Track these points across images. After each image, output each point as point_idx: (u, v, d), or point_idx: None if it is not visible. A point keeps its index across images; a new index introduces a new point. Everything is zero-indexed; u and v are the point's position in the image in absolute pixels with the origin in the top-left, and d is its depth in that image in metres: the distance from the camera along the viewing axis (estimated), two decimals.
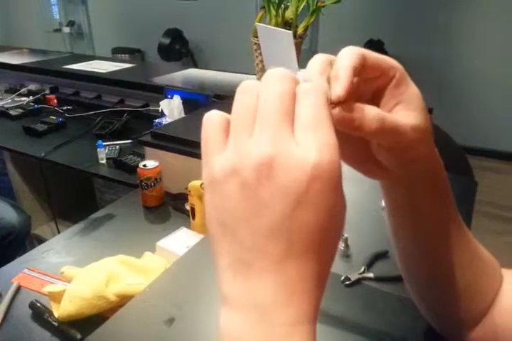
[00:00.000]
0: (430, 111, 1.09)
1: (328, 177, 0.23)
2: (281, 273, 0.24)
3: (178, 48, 4.26)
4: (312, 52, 3.82)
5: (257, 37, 1.43)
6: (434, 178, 0.36)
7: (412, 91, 0.33)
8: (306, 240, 0.24)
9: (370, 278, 0.70)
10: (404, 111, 0.32)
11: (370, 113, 0.30)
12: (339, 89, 0.29)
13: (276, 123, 0.24)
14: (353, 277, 0.69)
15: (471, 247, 0.41)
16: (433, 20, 3.41)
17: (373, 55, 0.32)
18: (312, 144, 0.24)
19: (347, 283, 0.69)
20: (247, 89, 0.27)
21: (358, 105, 0.30)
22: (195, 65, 4.35)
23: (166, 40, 4.23)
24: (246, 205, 0.24)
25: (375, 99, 0.34)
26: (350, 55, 0.31)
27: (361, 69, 0.31)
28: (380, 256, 0.75)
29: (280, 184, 0.23)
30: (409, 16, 3.47)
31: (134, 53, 4.62)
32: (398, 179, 0.36)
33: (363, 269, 0.71)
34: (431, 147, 0.35)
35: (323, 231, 0.24)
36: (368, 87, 0.33)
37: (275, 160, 0.23)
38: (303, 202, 0.23)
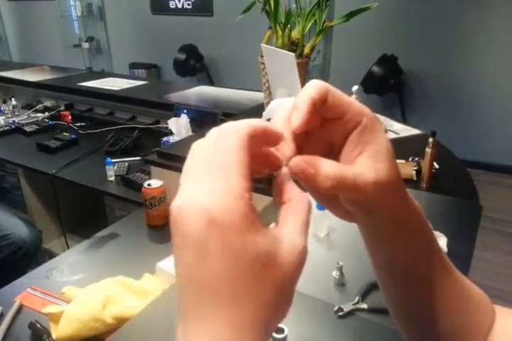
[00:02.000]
0: (434, 134, 1.08)
1: (226, 227, 0.23)
2: (200, 324, 0.24)
3: (193, 63, 4.33)
4: (325, 68, 3.84)
5: (263, 57, 1.45)
6: (405, 225, 0.34)
7: (379, 141, 0.30)
8: (218, 289, 0.24)
9: (363, 309, 0.68)
10: (367, 162, 0.30)
11: (325, 170, 0.28)
12: (296, 121, 0.29)
13: (196, 176, 0.25)
14: (346, 308, 0.68)
15: (458, 287, 0.40)
16: (446, 36, 3.39)
17: (338, 94, 0.30)
18: (208, 191, 0.24)
19: (340, 314, 0.68)
20: (193, 149, 0.28)
21: (313, 160, 0.28)
22: (210, 80, 4.41)
23: (182, 56, 4.30)
24: (174, 253, 0.25)
25: (338, 146, 0.32)
26: (312, 88, 0.30)
27: (322, 105, 0.30)
28: (376, 285, 0.74)
29: (184, 233, 0.24)
30: (423, 31, 3.47)
31: (150, 68, 4.71)
32: (366, 224, 0.35)
33: (357, 299, 0.70)
34: (398, 198, 0.33)
35: (234, 279, 0.23)
36: (329, 130, 0.32)
37: (181, 209, 0.24)
38: (206, 251, 0.23)
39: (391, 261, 0.37)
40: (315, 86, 0.30)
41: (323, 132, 0.32)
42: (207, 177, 0.25)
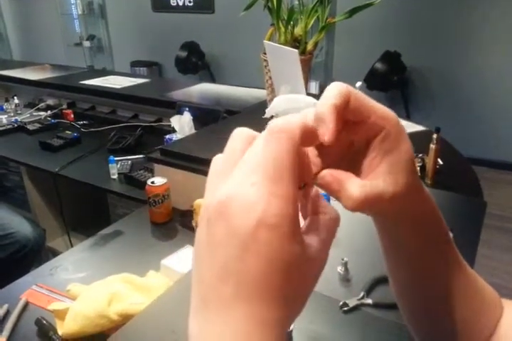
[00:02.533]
0: (438, 130, 1.08)
1: (275, 229, 0.24)
2: (228, 315, 0.24)
3: (194, 61, 4.32)
4: (327, 64, 3.83)
5: (266, 53, 1.45)
6: (422, 225, 0.35)
7: (401, 150, 0.29)
8: (251, 285, 0.24)
9: (368, 305, 0.69)
10: (386, 176, 0.29)
11: (350, 191, 0.28)
12: (325, 134, 0.27)
13: (249, 170, 0.25)
14: (352, 303, 0.68)
15: (469, 283, 0.40)
16: (450, 32, 3.38)
17: (361, 97, 0.29)
18: (265, 193, 0.24)
19: (345, 309, 0.68)
20: (240, 135, 0.28)
21: (340, 176, 0.28)
22: (212, 78, 4.40)
23: (183, 53, 4.30)
24: (207, 241, 0.25)
25: (359, 147, 0.30)
26: (334, 94, 0.28)
27: (344, 109, 0.28)
28: (381, 280, 0.74)
29: (231, 225, 0.24)
30: (426, 28, 3.46)
31: (151, 66, 4.71)
32: (382, 222, 0.35)
33: (362, 295, 0.70)
34: (417, 202, 0.32)
35: (268, 280, 0.24)
36: (351, 132, 0.30)
37: (232, 202, 0.24)
38: (250, 247, 0.24)
39: (408, 259, 0.38)
40: (337, 90, 0.29)
41: (344, 133, 0.30)
42: (259, 176, 0.25)
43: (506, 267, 2.32)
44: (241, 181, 0.25)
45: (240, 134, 0.28)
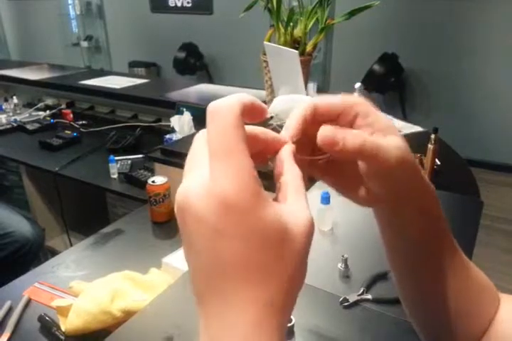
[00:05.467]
0: (436, 130, 1.09)
1: (240, 205, 0.24)
2: (225, 305, 0.25)
3: (193, 62, 4.33)
4: (325, 66, 3.85)
5: (266, 54, 1.46)
6: (423, 202, 0.37)
7: (381, 120, 0.33)
8: (246, 268, 0.25)
9: (368, 300, 0.70)
10: (381, 137, 0.33)
11: (351, 132, 0.31)
12: (286, 135, 0.32)
13: (198, 161, 0.27)
14: (352, 298, 0.70)
15: (467, 273, 0.41)
16: (447, 34, 3.41)
17: (325, 102, 0.33)
18: (220, 173, 0.24)
19: (345, 304, 0.69)
20: (197, 136, 0.30)
21: (339, 128, 0.32)
22: (210, 79, 4.41)
23: (182, 54, 4.31)
24: (187, 241, 0.26)
25: None
26: (302, 108, 0.33)
27: (314, 116, 0.33)
28: (380, 277, 0.75)
29: (197, 217, 0.25)
30: (424, 30, 3.48)
31: (149, 67, 4.72)
32: (387, 205, 0.37)
33: (361, 291, 0.72)
34: (415, 168, 0.35)
35: (260, 257, 0.24)
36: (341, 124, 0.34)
37: (189, 193, 0.25)
38: (226, 233, 0.24)
39: (407, 246, 0.39)
40: (304, 105, 0.33)
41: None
42: (211, 160, 0.25)
43: (502, 268, 2.34)
44: (196, 170, 0.26)
45: (201, 135, 0.29)
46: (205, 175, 0.25)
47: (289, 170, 0.29)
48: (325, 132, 0.31)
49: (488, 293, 0.43)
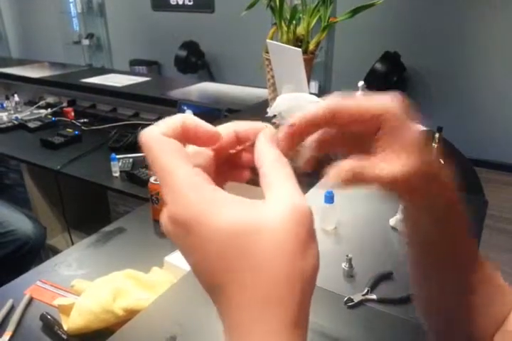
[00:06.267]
0: (440, 129, 1.09)
1: (186, 223, 0.24)
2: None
3: (194, 60, 4.32)
4: (327, 65, 3.84)
5: (268, 53, 1.46)
6: (442, 217, 0.35)
7: (404, 134, 0.30)
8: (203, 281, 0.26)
9: (373, 300, 0.70)
10: (390, 157, 0.30)
11: (342, 164, 0.29)
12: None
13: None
14: (356, 298, 0.69)
15: (482, 272, 0.41)
16: (450, 33, 3.40)
17: (346, 103, 0.30)
18: (165, 197, 0.26)
19: (350, 304, 0.69)
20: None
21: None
22: (211, 77, 4.40)
23: (183, 53, 4.30)
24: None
25: (366, 139, 0.32)
26: (316, 107, 0.30)
27: (333, 118, 0.30)
28: (385, 277, 0.75)
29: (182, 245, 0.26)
30: (426, 29, 3.47)
31: (151, 65, 4.71)
32: (405, 207, 0.36)
33: (366, 291, 0.71)
34: (435, 188, 0.33)
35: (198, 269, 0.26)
36: (354, 129, 0.31)
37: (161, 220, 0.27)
38: (183, 253, 0.26)
39: (424, 246, 0.38)
40: (321, 106, 0.30)
41: (348, 130, 0.32)
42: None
43: (503, 267, 2.34)
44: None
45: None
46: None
47: (262, 155, 0.27)
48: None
49: (501, 292, 0.42)
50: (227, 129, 0.30)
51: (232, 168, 0.31)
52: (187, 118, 0.27)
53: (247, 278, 0.23)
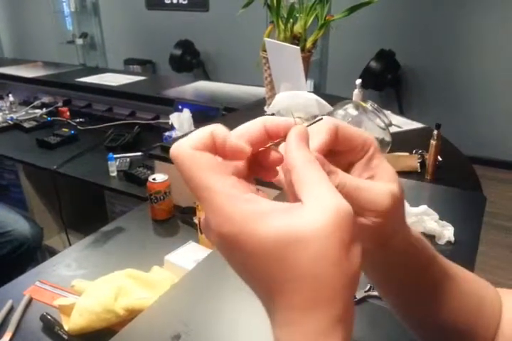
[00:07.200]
0: (438, 126, 1.09)
1: (230, 236, 0.25)
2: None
3: (189, 59, 4.32)
4: (322, 63, 3.85)
5: (265, 51, 1.45)
6: (415, 258, 0.36)
7: (385, 165, 0.33)
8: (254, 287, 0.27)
9: (375, 296, 0.70)
10: (380, 182, 0.32)
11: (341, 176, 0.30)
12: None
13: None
14: (359, 295, 0.70)
15: (462, 288, 0.39)
16: (444, 31, 3.42)
17: (348, 129, 0.32)
18: (206, 213, 0.27)
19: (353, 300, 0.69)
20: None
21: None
22: (206, 76, 4.40)
23: (178, 52, 4.29)
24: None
25: (344, 168, 0.33)
26: (323, 130, 0.31)
27: (333, 142, 0.31)
28: None
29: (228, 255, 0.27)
30: (421, 27, 3.49)
31: (145, 64, 4.69)
32: (377, 258, 0.35)
33: (368, 287, 0.72)
34: (405, 224, 0.35)
35: (245, 270, 0.26)
36: (338, 158, 0.33)
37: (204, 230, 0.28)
38: (229, 263, 0.27)
39: (398, 286, 0.38)
40: (326, 126, 0.31)
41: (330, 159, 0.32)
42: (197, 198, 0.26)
43: (500, 263, 2.36)
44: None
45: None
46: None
47: (294, 155, 0.27)
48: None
49: (488, 303, 0.41)
50: (257, 125, 0.29)
51: (259, 166, 0.29)
52: (216, 129, 0.27)
53: (296, 287, 0.24)
